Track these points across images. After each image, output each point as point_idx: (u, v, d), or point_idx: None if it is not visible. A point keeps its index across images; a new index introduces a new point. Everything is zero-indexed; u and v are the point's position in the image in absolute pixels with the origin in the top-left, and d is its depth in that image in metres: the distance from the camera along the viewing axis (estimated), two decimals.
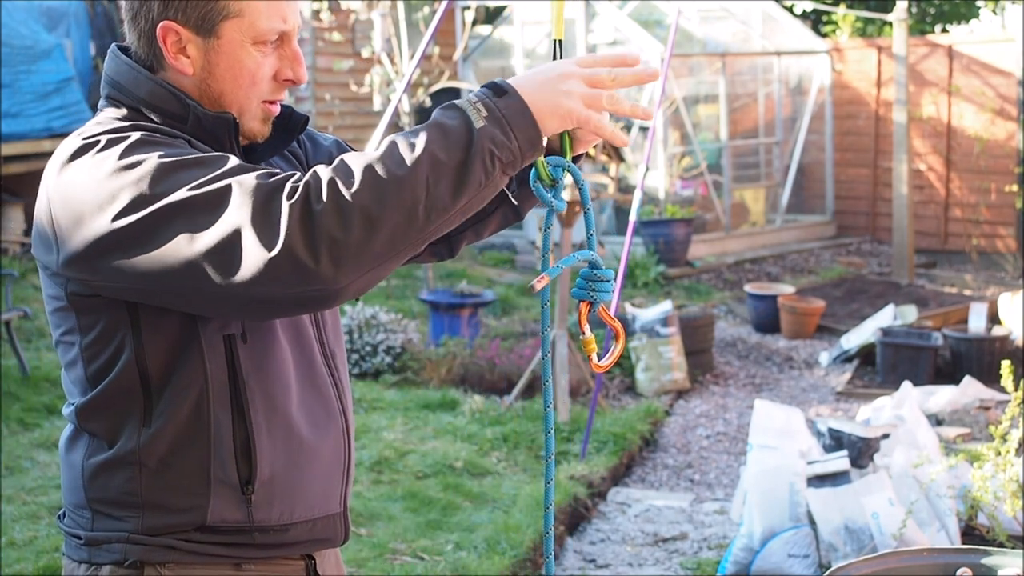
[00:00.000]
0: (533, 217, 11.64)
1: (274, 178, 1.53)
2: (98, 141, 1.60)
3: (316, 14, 11.02)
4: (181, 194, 1.52)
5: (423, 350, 7.41)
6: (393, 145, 1.51)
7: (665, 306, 7.60)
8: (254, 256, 1.48)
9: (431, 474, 5.56)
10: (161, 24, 1.66)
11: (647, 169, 6.34)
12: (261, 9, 1.66)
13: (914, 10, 14.36)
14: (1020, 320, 7.68)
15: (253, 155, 1.79)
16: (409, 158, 1.48)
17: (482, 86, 1.59)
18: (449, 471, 5.60)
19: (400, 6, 8.87)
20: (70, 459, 1.75)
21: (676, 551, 5.01)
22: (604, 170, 6.74)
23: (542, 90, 1.56)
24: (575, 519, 5.29)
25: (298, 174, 1.55)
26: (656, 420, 6.73)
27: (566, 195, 6.14)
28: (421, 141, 1.50)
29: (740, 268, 10.88)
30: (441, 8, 5.45)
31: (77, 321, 1.68)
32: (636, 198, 5.96)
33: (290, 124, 1.81)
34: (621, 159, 6.64)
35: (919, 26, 14.49)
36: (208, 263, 1.50)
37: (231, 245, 1.49)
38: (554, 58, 1.74)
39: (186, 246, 1.51)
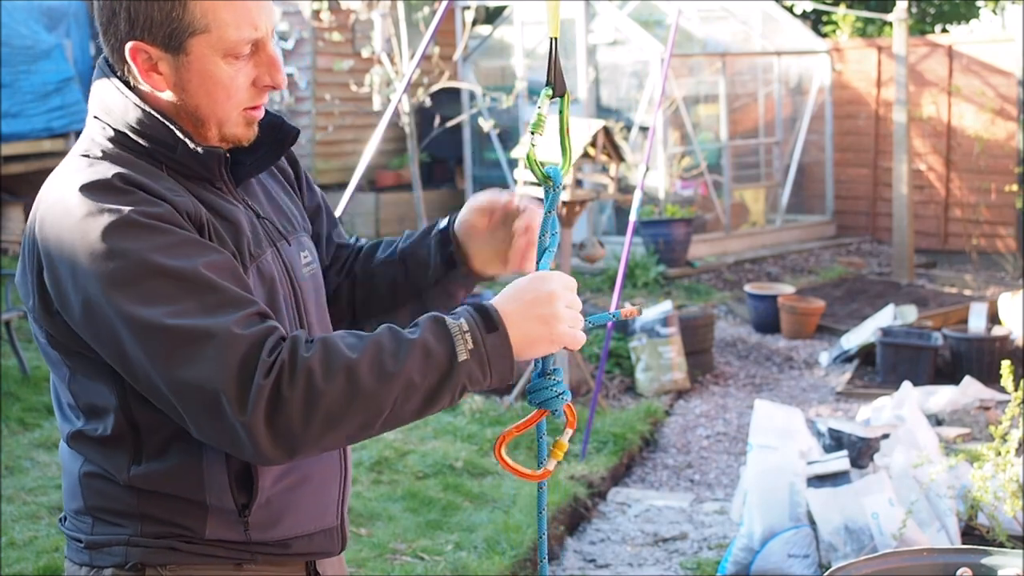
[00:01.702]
0: None
1: (256, 329, 1.53)
2: (91, 200, 1.56)
3: (316, 14, 11.02)
4: (158, 318, 1.51)
5: None
6: (378, 350, 1.53)
7: (665, 306, 7.60)
8: (214, 415, 1.51)
9: (431, 474, 5.56)
10: (129, 44, 1.62)
11: (647, 169, 6.33)
12: (228, 21, 1.61)
13: (914, 10, 14.36)
14: (1020, 320, 7.68)
15: (241, 169, 1.76)
16: (387, 373, 1.51)
17: (472, 306, 1.60)
18: (449, 471, 5.60)
19: (400, 6, 8.86)
20: (68, 466, 1.75)
21: (676, 551, 5.01)
22: (604, 170, 6.73)
23: (528, 323, 1.60)
24: (575, 519, 5.29)
25: (280, 331, 1.54)
26: (656, 420, 6.72)
27: (566, 194, 6.16)
28: (403, 358, 1.53)
29: (740, 268, 10.88)
30: (441, 8, 5.45)
31: (60, 358, 1.68)
32: (636, 198, 5.96)
33: (280, 136, 1.79)
34: (621, 159, 6.64)
35: (919, 26, 14.50)
36: (168, 393, 1.53)
37: (197, 395, 1.51)
38: (551, 57, 1.74)
39: (149, 369, 1.53)
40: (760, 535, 4.40)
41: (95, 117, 1.70)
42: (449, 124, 10.12)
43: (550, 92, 1.76)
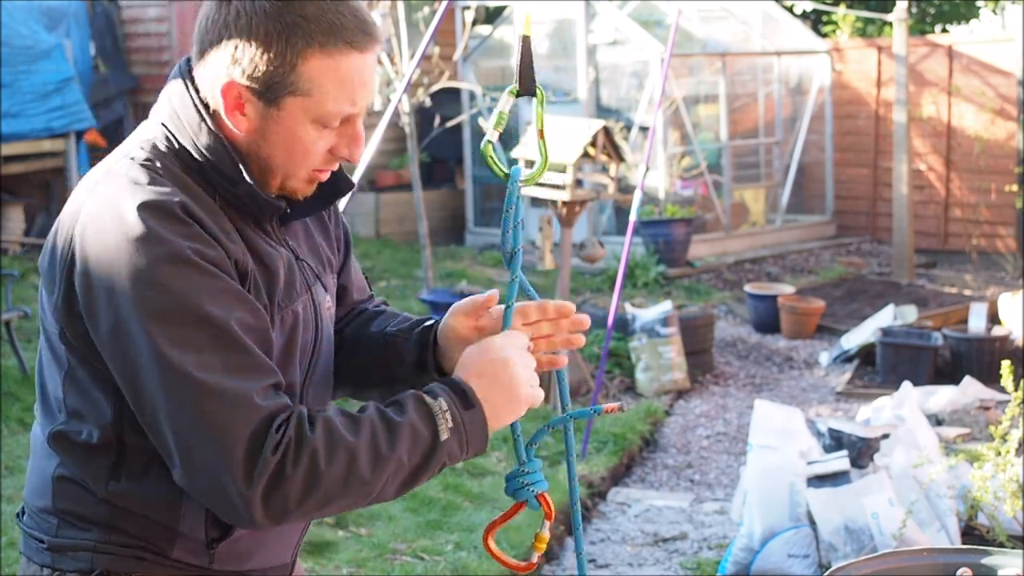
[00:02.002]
0: (533, 216, 11.64)
1: (272, 403, 1.54)
2: (149, 223, 1.53)
3: None
4: (187, 365, 1.50)
5: None
6: (373, 432, 1.57)
7: (665, 306, 7.60)
8: (213, 477, 1.51)
9: None
10: (225, 80, 1.59)
11: (647, 169, 6.33)
12: (331, 92, 1.60)
13: (914, 10, 14.35)
14: (1020, 320, 7.68)
15: (290, 209, 1.74)
16: (382, 456, 1.56)
17: (448, 384, 1.65)
18: (449, 471, 5.60)
19: (400, 6, 8.86)
20: (40, 463, 1.72)
21: (676, 551, 5.01)
22: (604, 170, 6.73)
23: (494, 394, 1.65)
24: None
25: (289, 407, 1.55)
26: (656, 420, 6.72)
27: (566, 194, 6.16)
28: (395, 441, 1.57)
29: (740, 268, 10.88)
30: (441, 8, 5.45)
31: (66, 352, 1.64)
32: (636, 198, 5.96)
33: (335, 187, 1.77)
34: (621, 159, 6.64)
35: (919, 26, 14.49)
36: (170, 439, 1.53)
37: (203, 452, 1.51)
38: (523, 57, 1.75)
39: (161, 410, 1.52)
40: (760, 535, 4.40)
41: (162, 124, 1.66)
42: (449, 124, 10.12)
43: (515, 90, 1.74)
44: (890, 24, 12.44)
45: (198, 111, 1.63)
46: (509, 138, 11.56)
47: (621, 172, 8.83)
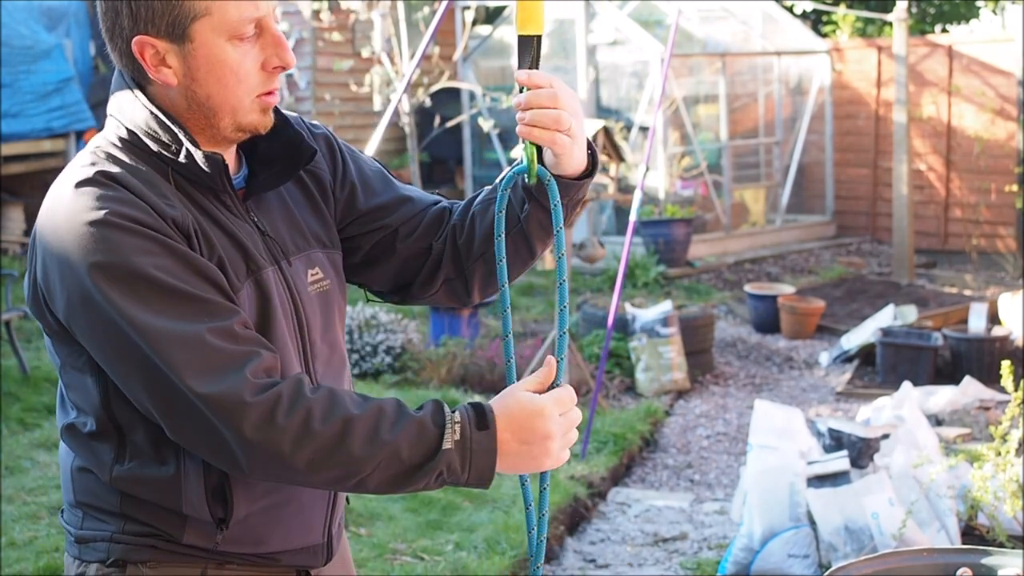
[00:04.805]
0: None
1: (246, 347, 1.57)
2: (80, 197, 1.59)
3: (316, 14, 11.03)
4: (151, 320, 1.54)
5: (423, 350, 7.41)
6: (381, 416, 1.58)
7: (665, 306, 7.60)
8: (211, 428, 1.55)
9: None
10: (135, 40, 1.62)
11: (647, 169, 6.33)
12: (229, 2, 1.61)
13: (914, 10, 14.35)
14: (1020, 320, 7.68)
15: (254, 182, 1.75)
16: (379, 440, 1.56)
17: (471, 404, 1.64)
18: None
19: (400, 6, 8.86)
20: (63, 460, 1.78)
21: (676, 551, 5.01)
22: (604, 170, 6.73)
23: (520, 449, 1.63)
24: (575, 519, 5.29)
25: (268, 356, 1.58)
26: (656, 420, 6.72)
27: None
28: (399, 430, 1.57)
29: (740, 268, 10.88)
30: (441, 8, 5.45)
31: (54, 347, 1.70)
32: (636, 198, 5.96)
33: (296, 155, 1.77)
34: (621, 159, 6.64)
35: (919, 26, 14.49)
36: (151, 398, 1.57)
37: (178, 401, 1.55)
38: (532, 56, 1.71)
39: (131, 372, 1.56)
40: (760, 535, 4.40)
41: (111, 115, 1.71)
42: (449, 124, 10.12)
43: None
44: (890, 24, 12.44)
45: (131, 91, 1.67)
46: (508, 139, 11.56)
47: (621, 172, 8.83)
